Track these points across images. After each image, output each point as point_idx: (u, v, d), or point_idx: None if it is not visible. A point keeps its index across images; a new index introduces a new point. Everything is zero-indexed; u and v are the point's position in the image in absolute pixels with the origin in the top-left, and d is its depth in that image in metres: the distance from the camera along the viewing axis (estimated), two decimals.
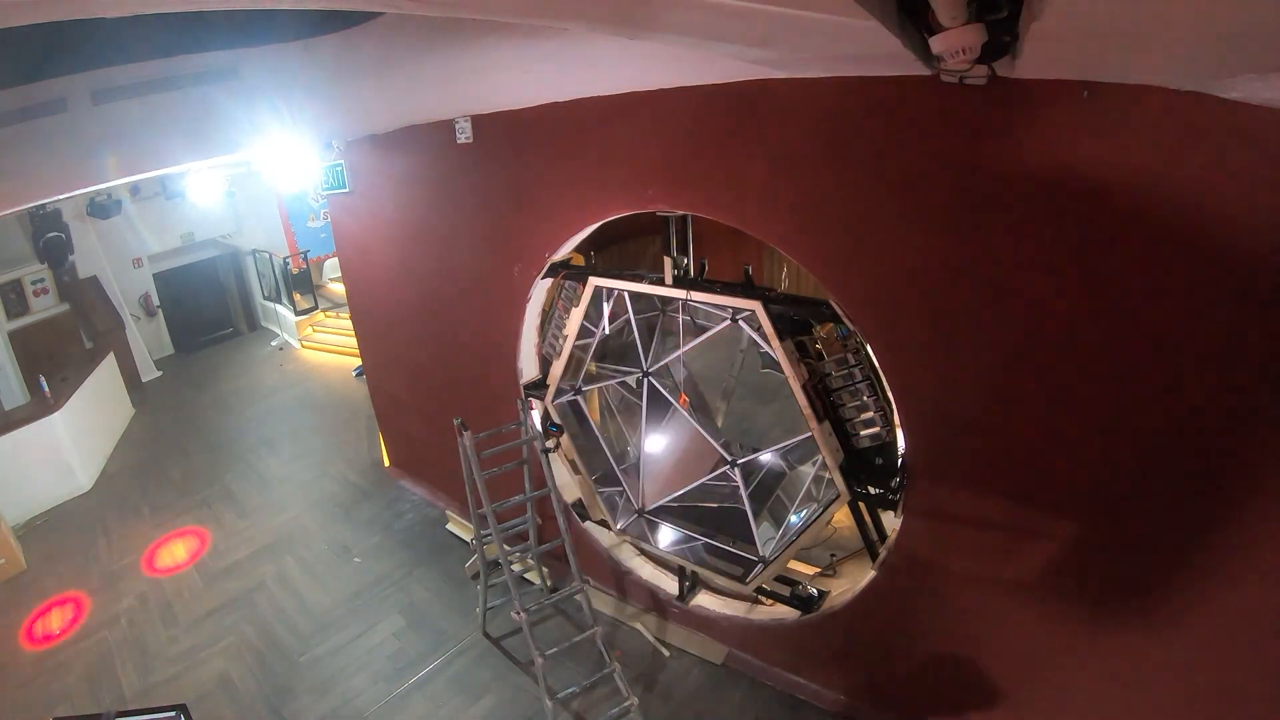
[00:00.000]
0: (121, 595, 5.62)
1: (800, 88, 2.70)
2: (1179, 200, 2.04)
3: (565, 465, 4.77)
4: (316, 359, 10.66)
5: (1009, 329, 2.53)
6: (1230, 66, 1.61)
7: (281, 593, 5.40)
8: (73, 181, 4.29)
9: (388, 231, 5.43)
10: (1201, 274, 2.08)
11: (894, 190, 2.63)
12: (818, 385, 3.34)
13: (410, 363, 5.93)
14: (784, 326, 3.34)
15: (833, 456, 3.30)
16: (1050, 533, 2.71)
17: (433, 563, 5.49)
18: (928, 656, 3.35)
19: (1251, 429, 2.13)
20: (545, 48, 3.08)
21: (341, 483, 6.88)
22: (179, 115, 3.81)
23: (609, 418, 4.84)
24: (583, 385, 4.59)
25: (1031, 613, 2.89)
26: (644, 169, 3.44)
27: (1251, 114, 1.78)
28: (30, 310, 9.65)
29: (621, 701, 3.73)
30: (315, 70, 3.86)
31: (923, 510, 3.08)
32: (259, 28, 3.68)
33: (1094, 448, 2.48)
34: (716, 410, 4.91)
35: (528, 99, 3.74)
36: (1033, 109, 2.17)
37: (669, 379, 4.38)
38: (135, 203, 10.32)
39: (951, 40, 1.59)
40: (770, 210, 3.04)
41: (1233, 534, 2.26)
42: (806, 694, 3.87)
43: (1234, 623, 2.37)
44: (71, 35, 3.11)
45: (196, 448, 8.16)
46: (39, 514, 7.04)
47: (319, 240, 11.52)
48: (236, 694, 4.45)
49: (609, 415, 4.84)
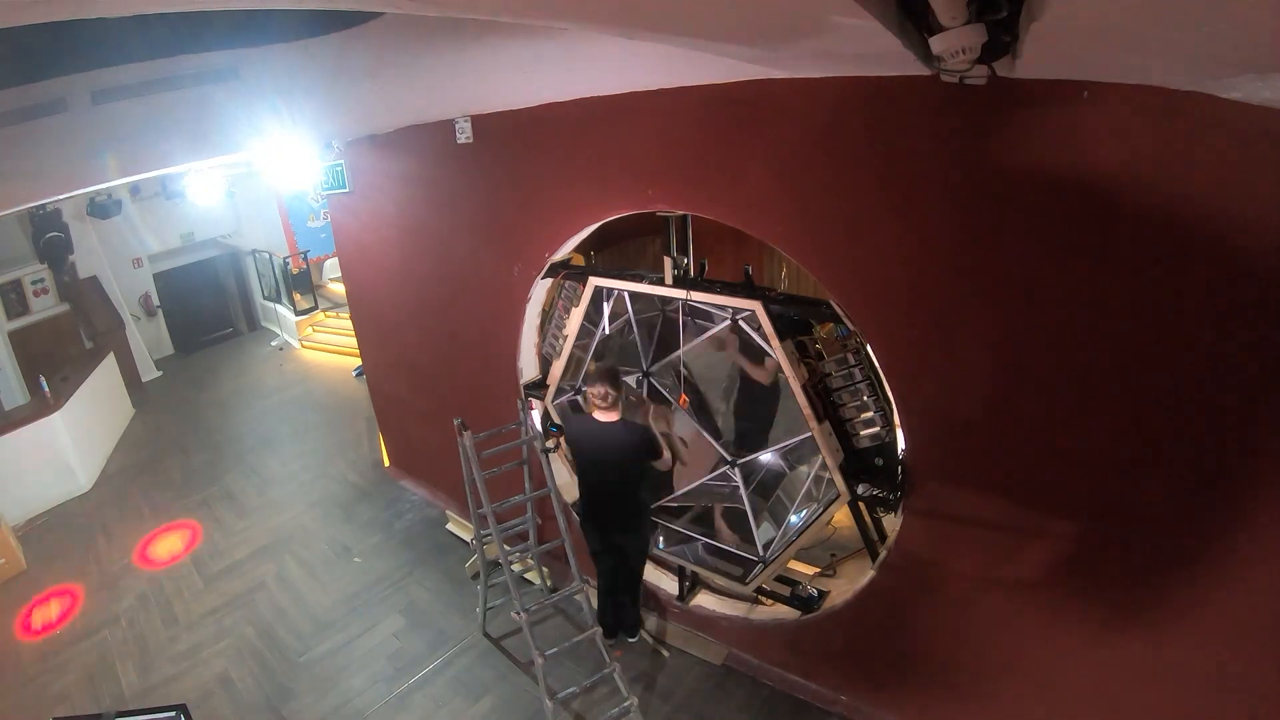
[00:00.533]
0: (121, 595, 5.62)
1: (800, 88, 2.70)
2: (1179, 200, 2.04)
3: (565, 465, 4.77)
4: (316, 359, 10.66)
5: (1009, 329, 2.53)
6: (1230, 66, 1.61)
7: (281, 593, 5.40)
8: (73, 181, 4.29)
9: (388, 231, 5.43)
10: (1202, 274, 2.08)
11: (894, 190, 2.63)
12: (818, 385, 3.34)
13: (410, 362, 5.93)
14: (784, 326, 3.35)
15: (833, 456, 3.30)
16: (1051, 532, 2.71)
17: (433, 563, 5.49)
18: (928, 656, 3.35)
19: (1253, 430, 2.13)
20: (545, 48, 3.08)
21: (341, 483, 6.88)
22: (179, 115, 3.81)
23: None
24: (583, 385, 4.60)
25: (1032, 612, 2.89)
26: (644, 169, 3.44)
27: (1251, 114, 1.78)
28: (30, 310, 9.65)
29: (621, 701, 3.73)
30: (315, 70, 3.86)
31: (923, 510, 3.08)
32: (259, 28, 3.68)
33: (1095, 448, 2.48)
34: (716, 410, 4.91)
35: (528, 99, 3.74)
36: (1033, 109, 2.17)
37: (669, 379, 4.38)
38: (135, 203, 10.31)
39: (951, 40, 1.59)
40: (770, 210, 3.04)
41: (1233, 535, 2.27)
42: (807, 694, 3.87)
43: (1235, 622, 2.37)
44: (71, 35, 3.11)
45: (196, 448, 8.16)
46: (39, 514, 7.04)
47: (319, 240, 11.52)
48: (236, 694, 4.45)
49: None
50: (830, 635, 3.72)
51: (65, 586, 5.64)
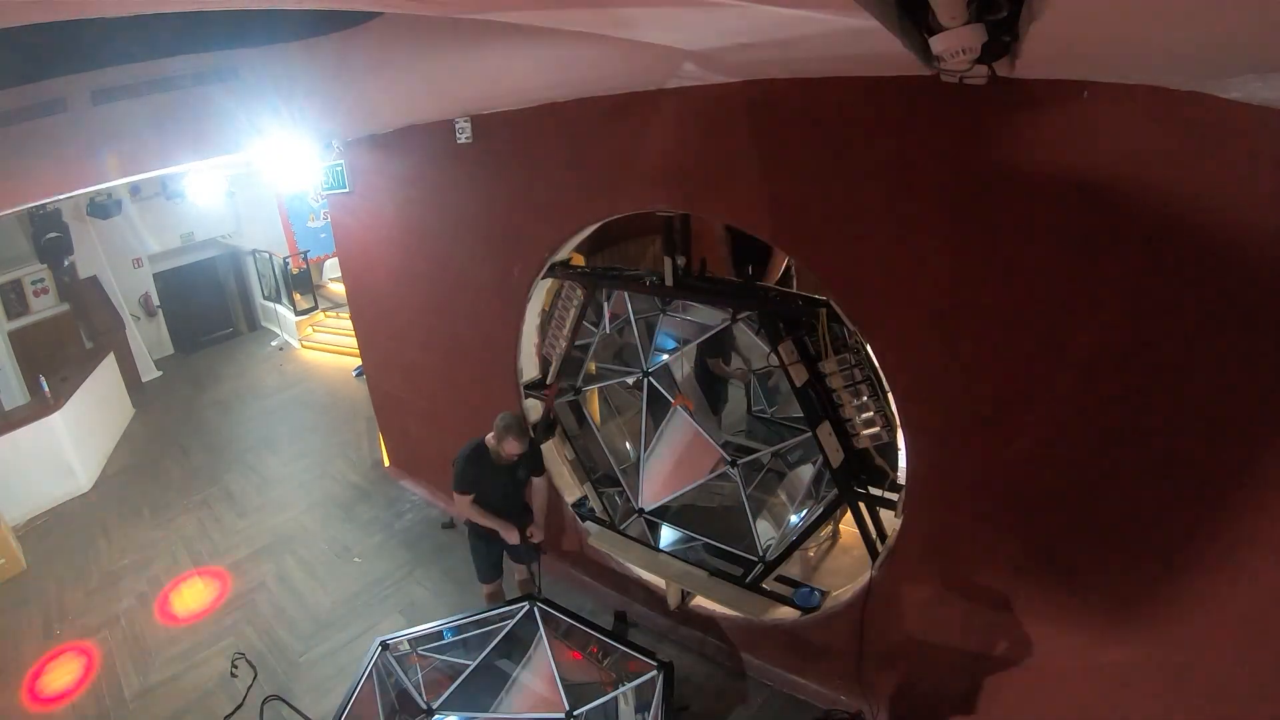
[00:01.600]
0: (121, 595, 5.62)
1: (800, 87, 2.70)
2: (1179, 200, 2.04)
3: (565, 465, 4.77)
4: (316, 359, 10.65)
5: (1009, 329, 2.53)
6: (1230, 66, 1.61)
7: (281, 593, 5.40)
8: (73, 181, 4.29)
9: (388, 232, 5.43)
10: (1202, 274, 2.08)
11: (894, 190, 2.63)
12: (818, 385, 3.34)
13: (410, 362, 5.92)
14: (784, 326, 3.35)
15: (833, 456, 3.30)
16: (1051, 532, 2.71)
17: (433, 563, 5.49)
18: (928, 656, 3.35)
19: (1255, 430, 2.13)
20: (545, 48, 3.08)
21: (341, 483, 6.88)
22: (179, 115, 3.80)
23: (609, 417, 4.85)
24: (583, 385, 4.60)
25: (1033, 611, 2.89)
26: (644, 169, 3.44)
27: (1251, 114, 1.78)
28: (30, 310, 9.65)
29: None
30: (315, 70, 3.85)
31: (923, 510, 3.08)
32: (259, 28, 3.67)
33: (1096, 448, 2.48)
34: (717, 411, 4.91)
35: (528, 99, 3.74)
36: (1033, 109, 2.17)
37: (669, 379, 4.38)
38: (135, 203, 10.30)
39: (951, 40, 1.59)
40: (770, 210, 3.04)
41: (1235, 535, 2.26)
42: (807, 694, 3.87)
43: (1235, 623, 2.37)
44: (71, 35, 3.11)
45: (196, 448, 8.16)
46: (39, 514, 7.03)
47: (319, 240, 11.50)
48: (236, 694, 4.45)
49: (609, 415, 4.85)
50: (831, 635, 3.72)
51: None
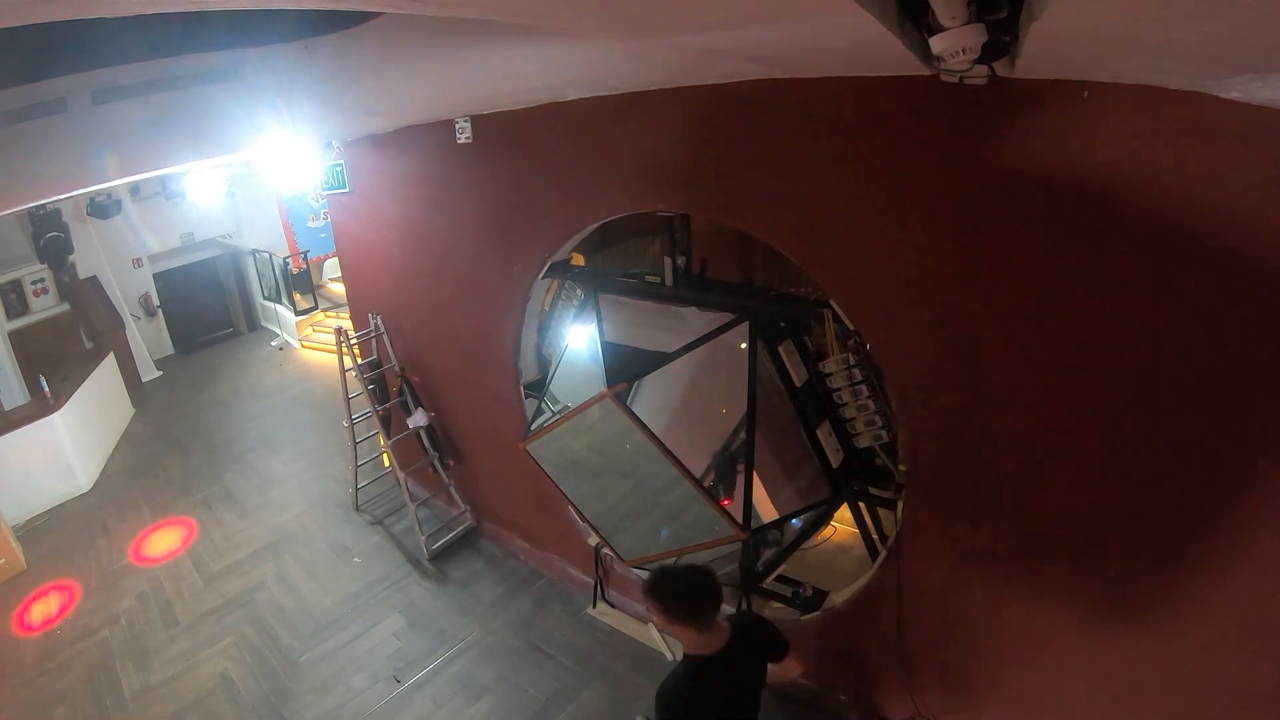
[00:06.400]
0: (121, 595, 5.62)
1: (799, 87, 2.70)
2: (1179, 200, 2.04)
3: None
4: (316, 359, 10.65)
5: (1010, 329, 2.53)
6: (1230, 66, 1.61)
7: (281, 593, 5.40)
8: (73, 181, 4.28)
9: (388, 232, 5.43)
10: (1202, 274, 2.08)
11: (894, 190, 2.63)
12: (818, 385, 3.34)
13: (410, 363, 5.92)
14: (785, 327, 3.35)
15: (833, 456, 3.30)
16: (1053, 532, 2.71)
17: (433, 562, 5.49)
18: (929, 656, 3.35)
19: (1256, 430, 2.13)
20: (545, 48, 3.08)
21: (341, 483, 6.87)
22: (179, 115, 3.80)
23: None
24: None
25: (1034, 611, 2.88)
26: (644, 169, 3.44)
27: (1251, 114, 1.78)
28: (30, 310, 9.64)
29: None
30: (315, 70, 3.85)
31: (923, 510, 3.08)
32: (259, 28, 3.67)
33: (1097, 447, 2.48)
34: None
35: (528, 99, 3.74)
36: (1033, 109, 2.17)
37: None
38: (135, 203, 10.30)
39: (951, 40, 1.59)
40: (770, 210, 3.04)
41: (1236, 536, 2.26)
42: (807, 694, 3.87)
43: (1236, 622, 2.37)
44: (71, 35, 3.11)
45: (196, 447, 8.16)
46: (39, 514, 7.04)
47: (319, 240, 11.51)
48: (236, 694, 4.45)
49: None
50: (831, 635, 3.72)
51: (64, 582, 5.61)
